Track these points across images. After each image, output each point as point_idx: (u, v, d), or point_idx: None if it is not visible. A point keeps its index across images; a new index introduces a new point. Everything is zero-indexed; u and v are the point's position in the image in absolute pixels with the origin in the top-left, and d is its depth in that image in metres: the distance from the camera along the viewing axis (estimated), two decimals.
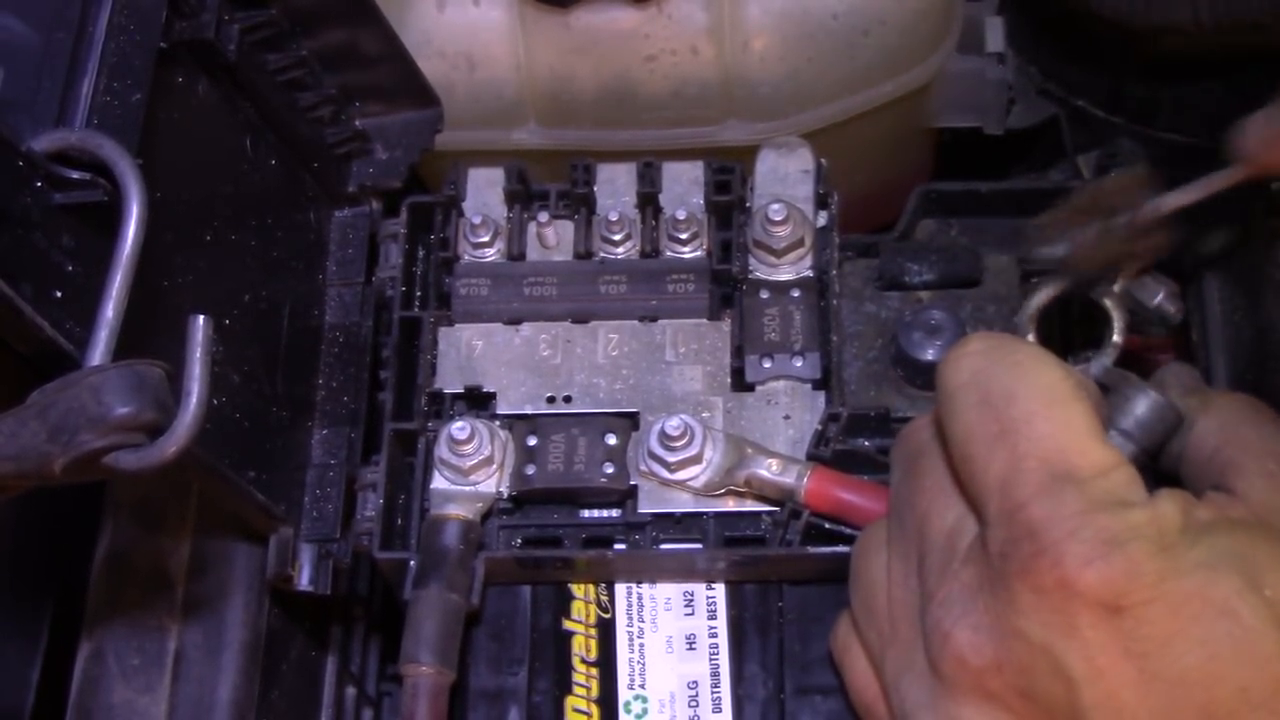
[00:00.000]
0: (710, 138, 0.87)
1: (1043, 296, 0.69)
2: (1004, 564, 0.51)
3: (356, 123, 0.77)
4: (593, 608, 0.71)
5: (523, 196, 0.76)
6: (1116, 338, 0.67)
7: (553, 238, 0.75)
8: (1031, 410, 0.53)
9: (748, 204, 0.74)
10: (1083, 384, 0.55)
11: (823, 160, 0.75)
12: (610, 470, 0.69)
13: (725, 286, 0.74)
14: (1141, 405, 0.59)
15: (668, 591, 0.70)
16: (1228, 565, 0.50)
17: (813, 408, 0.70)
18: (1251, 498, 0.56)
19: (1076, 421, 0.53)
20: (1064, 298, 0.69)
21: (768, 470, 0.67)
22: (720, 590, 0.70)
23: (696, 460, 0.67)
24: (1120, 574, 0.49)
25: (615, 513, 0.70)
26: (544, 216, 0.75)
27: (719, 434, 0.68)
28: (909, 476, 0.59)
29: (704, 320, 0.73)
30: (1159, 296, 0.67)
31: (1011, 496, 0.51)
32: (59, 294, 0.52)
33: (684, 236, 0.74)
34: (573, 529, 0.70)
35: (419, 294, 0.75)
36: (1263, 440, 0.59)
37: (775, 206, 0.72)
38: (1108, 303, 0.68)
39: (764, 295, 0.72)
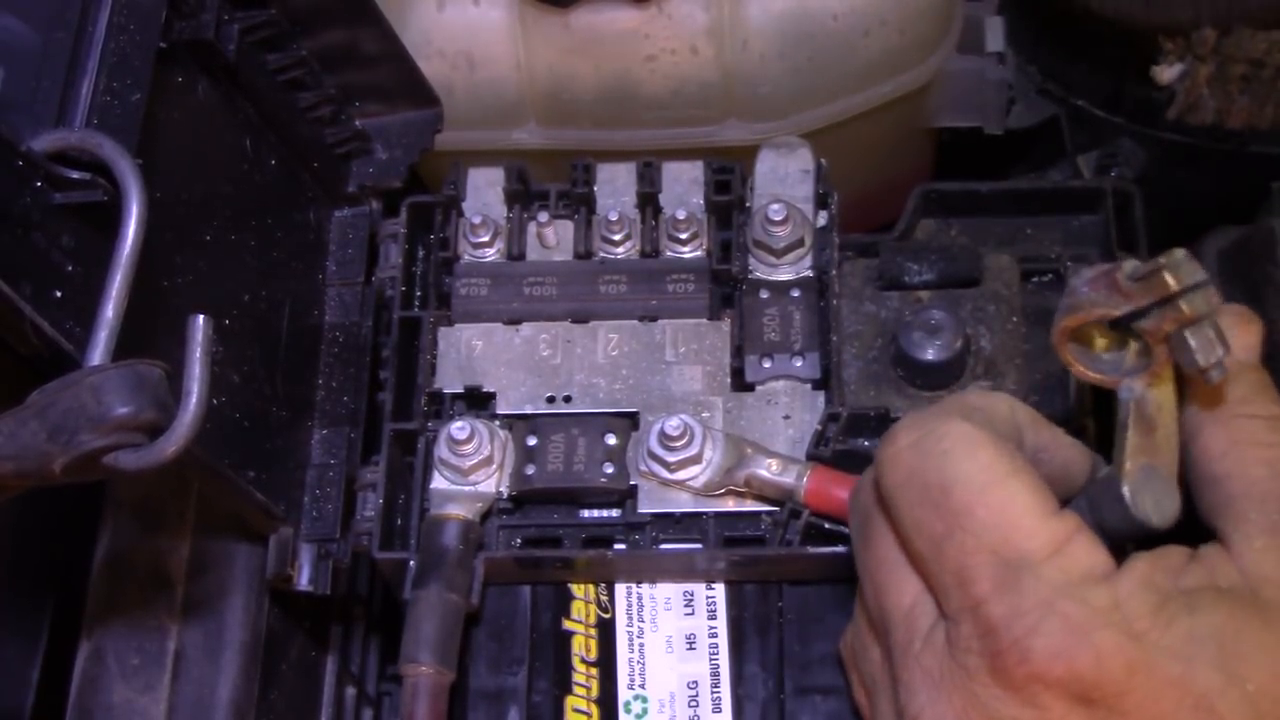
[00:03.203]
0: (710, 138, 0.87)
1: (1068, 321, 0.55)
2: (970, 659, 0.50)
3: (356, 123, 0.77)
4: (593, 608, 0.71)
5: (523, 196, 0.76)
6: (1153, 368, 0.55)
7: (553, 238, 0.75)
8: (970, 501, 0.50)
9: (747, 204, 0.74)
10: (1018, 454, 0.52)
11: (823, 160, 0.75)
12: (610, 470, 0.69)
13: (725, 286, 0.74)
14: (1110, 505, 0.54)
15: (668, 591, 0.70)
16: (1207, 656, 0.48)
17: (812, 408, 0.70)
18: (1247, 560, 0.51)
19: (1018, 501, 0.50)
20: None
21: (767, 470, 0.67)
22: (720, 590, 0.70)
23: (696, 460, 0.67)
24: (1089, 667, 0.48)
25: (615, 513, 0.70)
26: (544, 216, 0.75)
27: (719, 434, 0.68)
28: (863, 541, 0.57)
29: (704, 320, 0.73)
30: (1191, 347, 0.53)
31: (969, 594, 0.50)
32: (59, 294, 0.52)
33: (684, 236, 0.74)
34: (572, 529, 0.70)
35: (419, 294, 0.75)
36: (1274, 478, 0.52)
37: (775, 206, 0.72)
38: (1147, 338, 0.54)
39: (764, 295, 0.72)
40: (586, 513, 0.70)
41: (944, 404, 0.56)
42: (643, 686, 0.69)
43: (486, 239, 0.75)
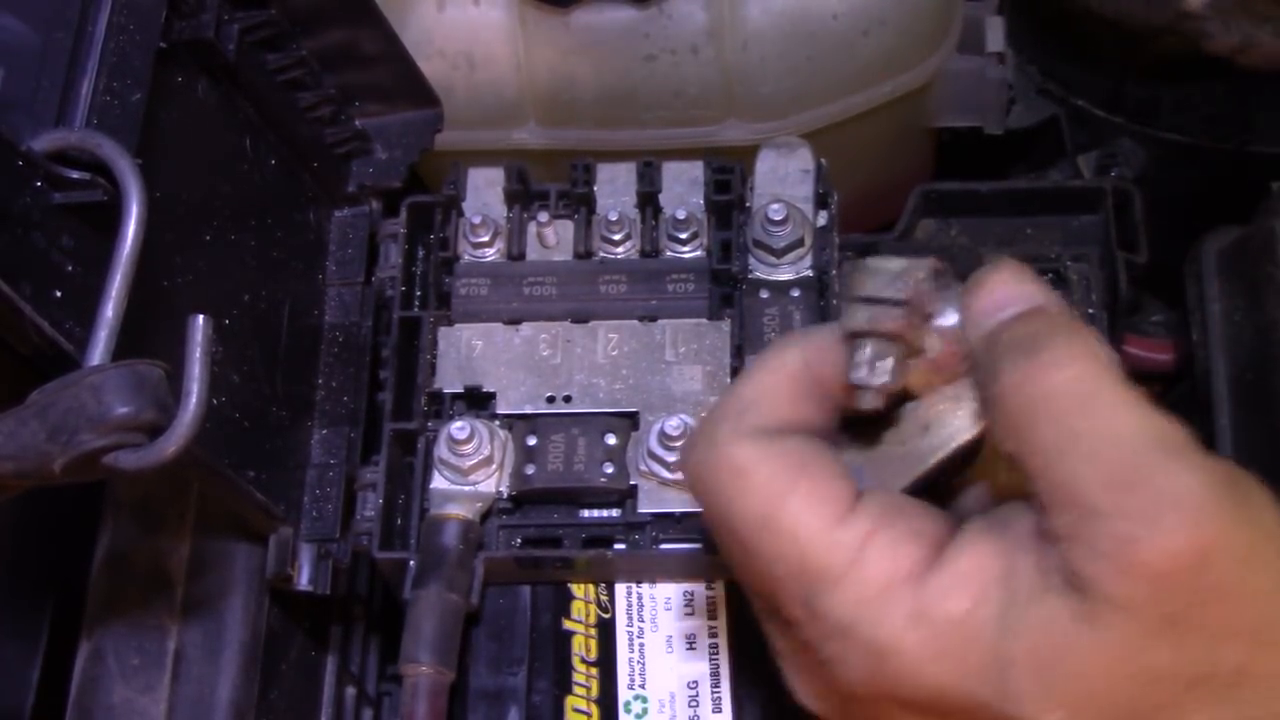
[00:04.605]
0: (710, 138, 0.87)
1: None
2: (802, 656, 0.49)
3: (356, 123, 0.77)
4: (593, 608, 0.71)
5: (523, 196, 0.76)
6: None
7: (552, 237, 0.75)
8: (752, 536, 0.48)
9: (747, 204, 0.74)
10: (797, 454, 0.48)
11: (823, 160, 0.75)
12: (610, 470, 0.69)
13: (725, 286, 0.74)
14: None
15: (668, 591, 0.71)
16: (1024, 669, 0.43)
17: None
18: (1083, 566, 0.43)
19: (803, 522, 0.47)
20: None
21: None
22: (720, 590, 0.70)
23: None
24: (895, 688, 0.45)
25: (615, 513, 0.70)
26: (544, 216, 0.75)
27: None
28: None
29: (704, 320, 0.73)
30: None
31: (784, 614, 0.48)
32: (59, 294, 0.52)
33: (684, 236, 0.74)
34: (572, 529, 0.70)
35: (419, 294, 0.75)
36: (1112, 488, 0.42)
37: (775, 206, 0.72)
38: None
39: (764, 295, 0.72)
40: (586, 513, 0.70)
41: (723, 405, 0.51)
42: (643, 686, 0.69)
43: (486, 239, 0.75)
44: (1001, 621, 0.44)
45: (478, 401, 0.72)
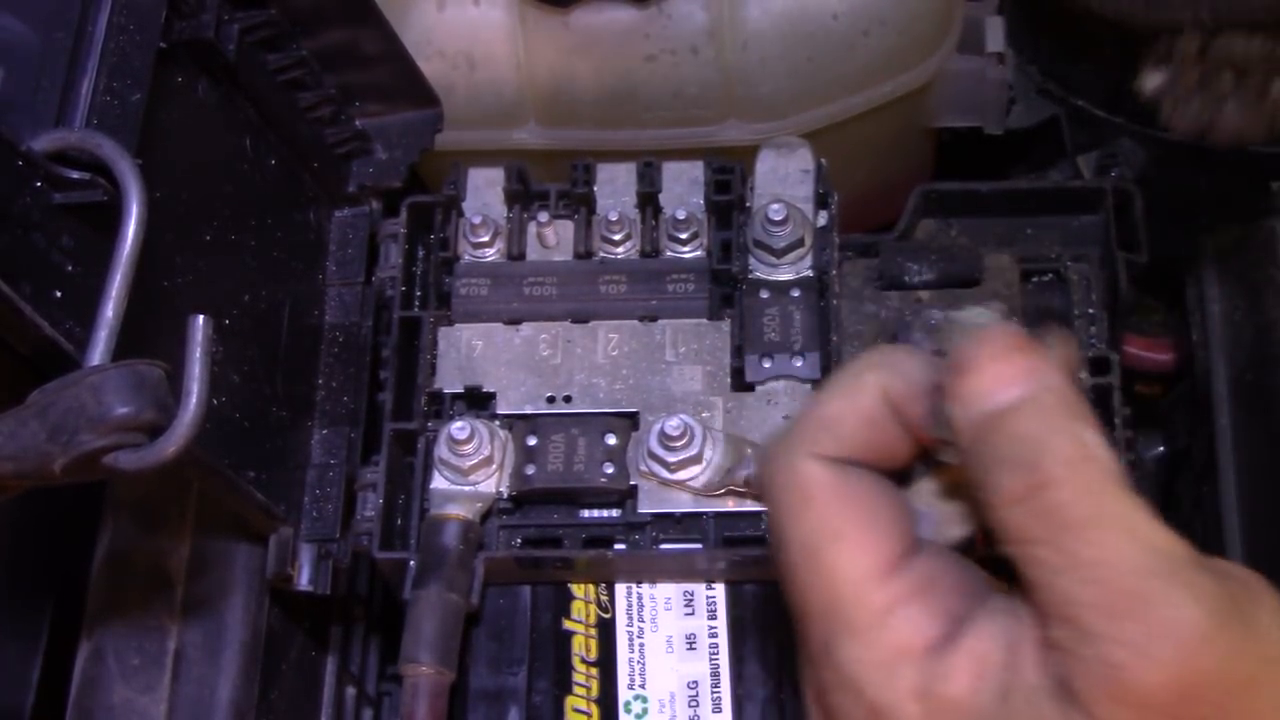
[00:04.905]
0: (710, 138, 0.87)
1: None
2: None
3: (356, 123, 0.77)
4: (593, 608, 0.71)
5: (523, 196, 0.76)
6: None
7: (553, 238, 0.75)
8: (796, 564, 0.47)
9: (748, 204, 0.74)
10: (862, 494, 0.47)
11: (823, 160, 0.75)
12: (610, 470, 0.69)
13: (725, 286, 0.74)
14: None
15: (668, 591, 0.71)
16: None
17: None
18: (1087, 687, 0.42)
19: (843, 568, 0.46)
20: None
21: None
22: (720, 590, 0.70)
23: (696, 460, 0.67)
24: None
25: (615, 513, 0.70)
26: (544, 216, 0.75)
27: (719, 434, 0.68)
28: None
29: (704, 320, 0.73)
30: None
31: (804, 645, 0.48)
32: (59, 294, 0.52)
33: (684, 236, 0.74)
34: (573, 529, 0.70)
35: (419, 294, 0.75)
36: (1113, 613, 0.41)
37: (775, 206, 0.72)
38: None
39: (764, 295, 0.72)
40: (586, 513, 0.70)
41: (806, 419, 0.49)
42: (643, 686, 0.69)
43: (486, 239, 0.75)
44: (997, 712, 0.44)
45: (478, 401, 0.72)
